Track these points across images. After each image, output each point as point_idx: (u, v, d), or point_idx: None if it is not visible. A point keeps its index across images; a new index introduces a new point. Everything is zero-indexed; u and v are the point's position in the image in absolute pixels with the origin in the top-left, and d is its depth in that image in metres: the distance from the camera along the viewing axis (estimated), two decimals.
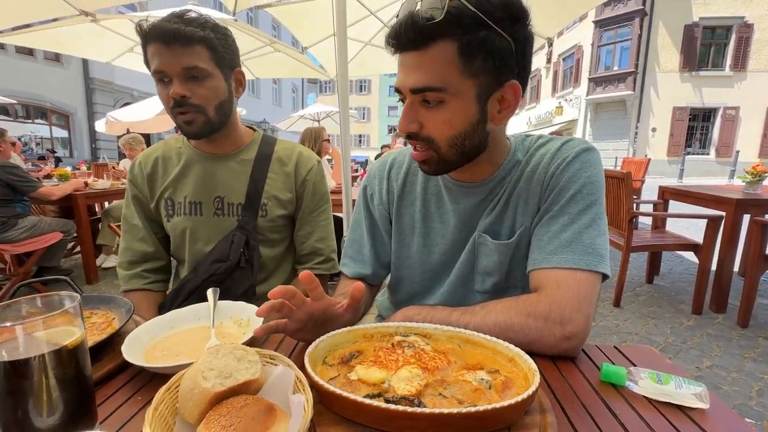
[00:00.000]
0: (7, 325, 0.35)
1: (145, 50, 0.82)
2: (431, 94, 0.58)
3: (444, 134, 0.61)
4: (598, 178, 0.66)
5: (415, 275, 0.83)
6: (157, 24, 0.78)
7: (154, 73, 0.81)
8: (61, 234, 2.94)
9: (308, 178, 1.02)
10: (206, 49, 0.82)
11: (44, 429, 0.37)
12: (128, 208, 0.98)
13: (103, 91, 12.52)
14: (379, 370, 0.46)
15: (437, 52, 0.56)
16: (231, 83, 0.90)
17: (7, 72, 10.21)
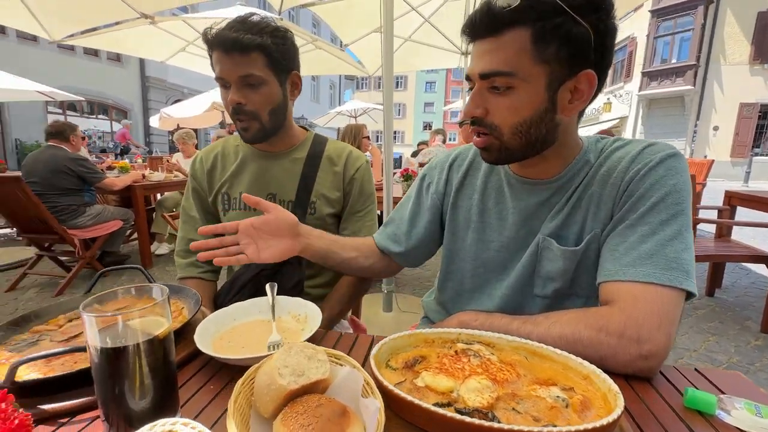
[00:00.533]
0: (109, 315, 0.38)
1: (210, 56, 0.86)
2: (500, 80, 0.59)
3: (508, 121, 0.61)
4: (685, 186, 0.61)
5: (467, 269, 0.81)
6: (219, 33, 0.82)
7: (217, 79, 0.86)
8: (122, 222, 3.18)
9: (356, 177, 1.03)
10: (262, 55, 0.84)
11: (137, 411, 0.39)
12: (187, 200, 1.04)
13: (156, 89, 13.39)
14: (446, 378, 0.45)
15: (510, 38, 0.57)
16: (286, 87, 0.93)
17: (76, 72, 11.18)
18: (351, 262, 0.85)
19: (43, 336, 0.58)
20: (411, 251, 0.87)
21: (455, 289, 0.85)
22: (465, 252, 0.81)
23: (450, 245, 0.84)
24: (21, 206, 2.62)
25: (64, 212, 2.80)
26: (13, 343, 0.56)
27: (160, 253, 3.79)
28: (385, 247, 0.88)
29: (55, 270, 3.07)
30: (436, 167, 0.87)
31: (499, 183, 0.77)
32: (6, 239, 4.30)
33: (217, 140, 1.06)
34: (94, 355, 0.38)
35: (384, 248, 0.88)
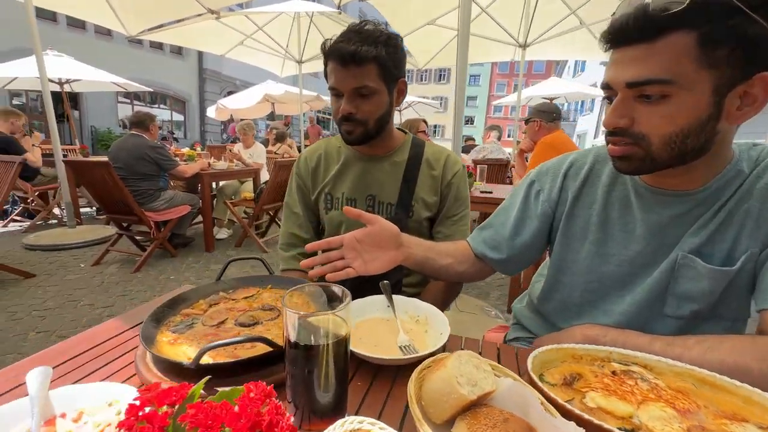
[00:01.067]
0: (301, 314, 0.39)
1: (325, 65, 0.91)
2: (653, 88, 0.54)
3: (662, 131, 0.56)
4: None
5: (578, 283, 0.77)
6: (337, 45, 0.85)
7: (330, 88, 0.91)
8: (190, 206, 3.40)
9: (453, 182, 1.03)
10: (376, 66, 0.87)
11: (323, 403, 0.41)
12: (291, 197, 1.09)
13: (212, 81, 14.13)
14: (619, 401, 0.43)
15: (669, 43, 0.52)
16: (393, 95, 0.95)
17: (142, 64, 12.06)
18: (447, 268, 0.84)
19: (194, 319, 0.62)
20: (512, 258, 0.84)
21: (562, 301, 0.81)
22: (578, 264, 0.76)
23: (561, 256, 0.79)
24: (107, 189, 2.88)
25: (142, 196, 3.04)
26: (173, 325, 0.60)
27: (220, 237, 4.01)
28: (482, 253, 0.85)
29: (131, 248, 3.35)
30: (548, 173, 0.82)
31: (625, 193, 0.71)
32: (87, 217, 4.75)
33: (320, 140, 1.11)
34: (291, 347, 0.39)
35: (481, 254, 0.85)
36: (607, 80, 0.59)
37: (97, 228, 3.98)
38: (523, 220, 0.83)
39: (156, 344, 0.55)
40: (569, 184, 0.78)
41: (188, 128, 14.23)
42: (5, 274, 2.72)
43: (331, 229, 1.04)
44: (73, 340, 0.61)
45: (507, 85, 38.95)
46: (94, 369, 0.54)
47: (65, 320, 2.18)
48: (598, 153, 0.77)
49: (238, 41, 6.45)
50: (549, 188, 0.80)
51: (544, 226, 0.81)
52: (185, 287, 0.75)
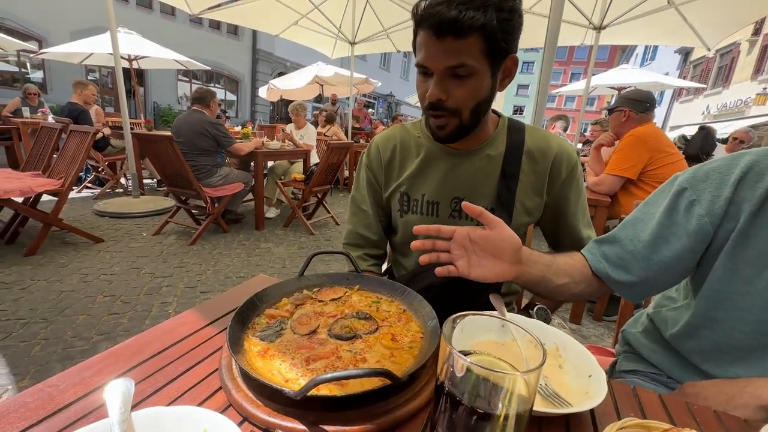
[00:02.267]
0: (494, 371, 0.27)
1: (415, 34, 0.71)
2: None
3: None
4: None
5: (747, 321, 0.59)
6: (434, 8, 0.64)
7: (418, 65, 0.71)
8: (243, 184, 3.45)
9: (572, 182, 0.85)
10: (481, 39, 0.66)
11: None
12: (359, 191, 0.96)
13: (264, 61, 14.43)
14: None
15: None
16: (497, 76, 0.74)
17: (202, 43, 12.53)
18: (562, 288, 0.69)
19: (282, 323, 0.53)
20: (646, 282, 0.67)
21: (715, 342, 0.63)
22: (752, 299, 0.58)
23: (721, 285, 0.61)
24: (170, 162, 2.97)
25: (201, 171, 3.12)
26: (260, 329, 0.52)
27: (269, 216, 4.07)
28: (604, 273, 0.68)
29: (187, 221, 3.48)
30: (708, 179, 0.62)
31: None
32: (148, 189, 5.04)
33: (394, 126, 0.94)
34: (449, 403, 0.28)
35: (603, 273, 0.69)
36: None
37: (158, 199, 4.18)
38: (666, 238, 0.65)
39: (245, 354, 0.46)
40: (745, 195, 0.59)
41: (240, 108, 14.71)
42: (79, 238, 2.91)
43: (404, 234, 0.90)
44: (149, 335, 0.54)
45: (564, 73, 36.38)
46: (174, 376, 0.46)
47: (129, 287, 2.28)
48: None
49: (293, 21, 6.44)
50: (710, 199, 0.61)
51: (698, 246, 0.63)
52: (260, 278, 0.67)
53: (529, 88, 37.26)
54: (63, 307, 1.98)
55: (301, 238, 3.58)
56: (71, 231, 2.85)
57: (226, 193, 3.29)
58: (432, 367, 0.48)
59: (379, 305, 0.61)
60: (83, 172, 4.84)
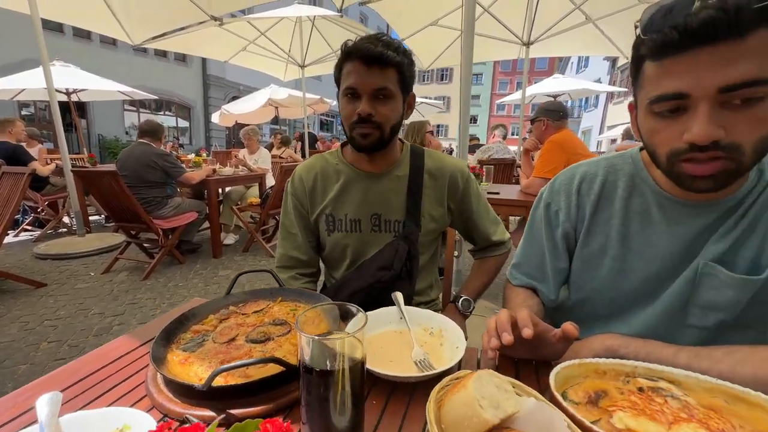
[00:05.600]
0: (316, 337, 0.38)
1: (341, 67, 0.87)
2: (752, 90, 0.47)
3: (753, 137, 0.50)
4: None
5: (601, 299, 0.75)
6: (362, 45, 0.83)
7: (346, 89, 0.86)
8: (197, 213, 3.42)
9: (469, 191, 1.01)
10: (396, 72, 0.86)
11: (339, 428, 0.40)
12: (287, 217, 1.03)
13: (216, 86, 14.25)
14: (649, 421, 0.41)
15: (759, 39, 0.46)
16: (404, 106, 0.93)
17: (147, 72, 12.20)
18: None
19: (204, 336, 0.61)
20: (562, 284, 0.82)
21: (587, 315, 0.78)
22: (599, 281, 0.74)
23: (580, 273, 0.77)
24: (115, 197, 2.90)
25: (150, 203, 3.06)
26: (183, 343, 0.59)
27: (227, 243, 4.03)
28: (533, 286, 0.82)
29: (140, 256, 3.37)
30: (560, 191, 0.78)
31: (645, 205, 0.68)
32: (96, 225, 4.80)
33: (313, 157, 1.05)
34: (306, 370, 0.38)
35: (533, 287, 0.82)
36: (683, 89, 0.50)
37: (106, 236, 4.01)
38: (556, 244, 0.79)
39: (166, 364, 0.54)
40: (584, 201, 0.75)
41: (193, 134, 14.35)
42: (17, 284, 2.75)
43: (334, 249, 1.00)
44: (83, 360, 0.60)
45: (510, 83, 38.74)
46: (103, 391, 0.53)
47: (76, 329, 2.19)
48: (609, 164, 0.74)
49: (241, 47, 6.49)
50: (565, 207, 0.77)
51: (572, 244, 0.79)
52: (195, 301, 0.74)
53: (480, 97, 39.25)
54: (1, 359, 1.88)
55: (261, 261, 3.57)
56: (8, 278, 2.69)
57: (180, 224, 3.25)
58: None
59: (296, 312, 0.70)
60: (20, 214, 4.54)
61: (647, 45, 0.53)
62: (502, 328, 0.54)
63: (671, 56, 0.51)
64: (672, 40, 0.49)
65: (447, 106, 37.48)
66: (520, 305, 0.79)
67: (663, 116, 0.54)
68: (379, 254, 0.93)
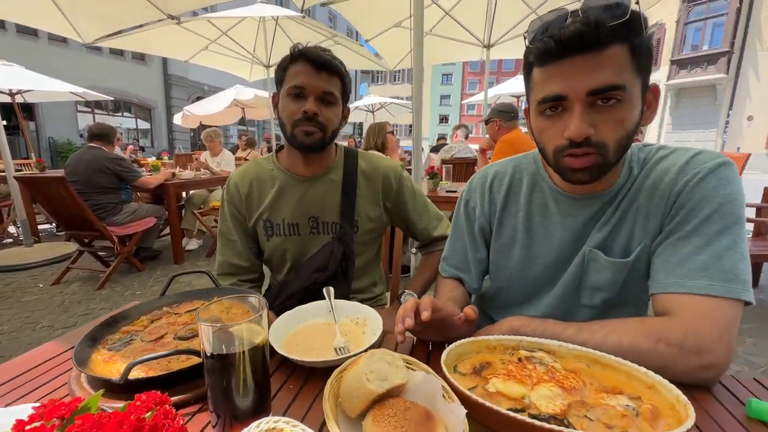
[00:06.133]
0: (219, 326, 0.42)
1: (287, 67, 0.92)
2: (612, 94, 0.57)
3: (616, 136, 0.59)
4: (738, 196, 0.61)
5: (514, 286, 0.83)
6: (311, 50, 0.90)
7: (293, 87, 0.90)
8: (156, 218, 3.32)
9: (403, 190, 1.07)
10: (340, 82, 0.94)
11: (241, 409, 0.44)
12: (225, 224, 1.03)
13: (179, 86, 13.73)
14: (516, 384, 0.48)
15: (614, 53, 0.56)
16: (342, 114, 0.99)
17: (102, 71, 11.58)
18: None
19: (133, 336, 0.64)
20: (484, 274, 0.89)
21: (505, 301, 0.87)
22: (511, 270, 0.82)
23: (496, 262, 0.85)
24: (64, 204, 2.77)
25: (104, 210, 2.95)
26: (110, 343, 0.62)
27: (190, 248, 3.93)
28: (459, 277, 0.89)
29: (94, 264, 3.23)
30: (476, 189, 0.87)
31: (543, 200, 0.77)
32: (47, 234, 4.54)
33: (247, 163, 1.07)
34: (208, 358, 0.42)
35: (459, 278, 0.89)
36: (561, 92, 0.59)
37: (57, 245, 3.81)
38: (474, 239, 0.87)
39: (89, 363, 0.56)
40: (495, 197, 0.84)
41: (155, 136, 13.76)
42: None
43: (273, 253, 1.02)
44: (11, 364, 0.61)
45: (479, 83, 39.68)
46: (27, 391, 0.55)
47: (23, 344, 2.09)
48: (516, 163, 0.83)
49: (203, 46, 6.29)
50: (480, 203, 0.85)
51: (489, 237, 0.87)
52: (132, 304, 0.76)
53: (450, 97, 39.99)
54: None
55: None
56: None
57: (137, 230, 3.14)
58: None
59: (230, 310, 0.74)
60: None
61: (533, 53, 0.62)
62: (406, 314, 0.60)
63: (551, 63, 0.60)
64: (550, 48, 0.59)
65: None
66: (446, 295, 0.86)
67: (548, 116, 0.63)
68: (315, 256, 0.98)
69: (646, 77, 0.60)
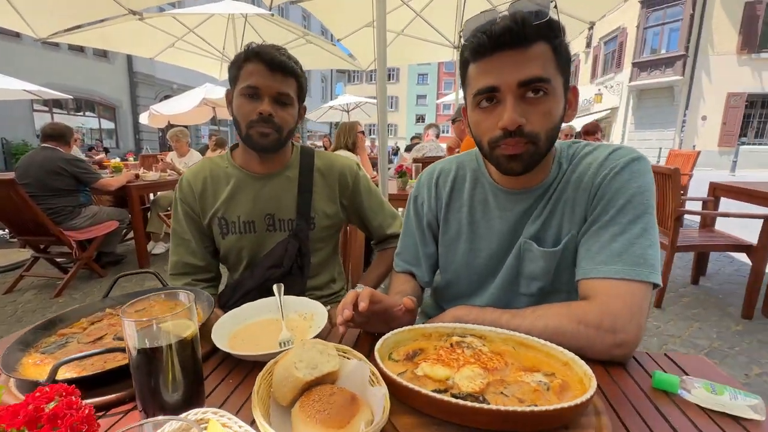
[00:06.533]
0: (145, 320, 0.43)
1: (241, 66, 0.91)
2: (539, 86, 0.62)
3: (545, 126, 0.64)
4: (647, 187, 0.67)
5: (462, 278, 0.87)
6: (266, 50, 0.89)
7: (247, 87, 0.89)
8: (118, 222, 3.19)
9: (359, 188, 1.08)
10: (296, 83, 0.94)
11: (170, 402, 0.45)
12: (178, 223, 1.01)
13: (145, 85, 13.19)
14: (442, 367, 0.51)
15: (539, 50, 0.62)
16: (298, 115, 1.00)
17: (61, 68, 10.97)
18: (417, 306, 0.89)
19: (70, 338, 0.62)
20: (434, 268, 0.92)
21: (454, 294, 0.90)
22: (458, 263, 0.86)
23: (444, 256, 0.89)
24: (15, 208, 2.62)
25: (60, 214, 2.81)
26: (44, 346, 0.60)
27: (156, 252, 3.80)
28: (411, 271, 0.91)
29: (51, 271, 3.08)
30: (424, 186, 0.90)
31: (484, 195, 0.81)
32: None
33: (202, 160, 1.06)
34: (133, 354, 0.43)
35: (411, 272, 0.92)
36: (494, 83, 0.63)
37: (10, 252, 3.60)
38: (424, 234, 0.90)
39: (19, 367, 0.55)
40: (441, 193, 0.87)
41: (121, 137, 13.17)
42: None
43: (229, 252, 1.01)
44: None
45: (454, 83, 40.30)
46: None
47: None
48: (460, 159, 0.87)
49: (168, 43, 6.07)
50: (427, 198, 0.89)
51: (437, 232, 0.90)
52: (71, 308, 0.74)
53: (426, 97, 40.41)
54: None
55: None
56: None
57: (97, 234, 3.01)
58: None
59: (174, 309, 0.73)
60: None
61: (468, 49, 0.67)
62: (345, 306, 0.62)
63: (484, 58, 0.64)
64: (483, 43, 0.63)
65: (396, 106, 38.18)
66: (397, 288, 0.89)
67: (483, 108, 0.67)
68: (270, 253, 0.98)
69: (566, 76, 0.65)
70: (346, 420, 0.41)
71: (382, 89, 2.01)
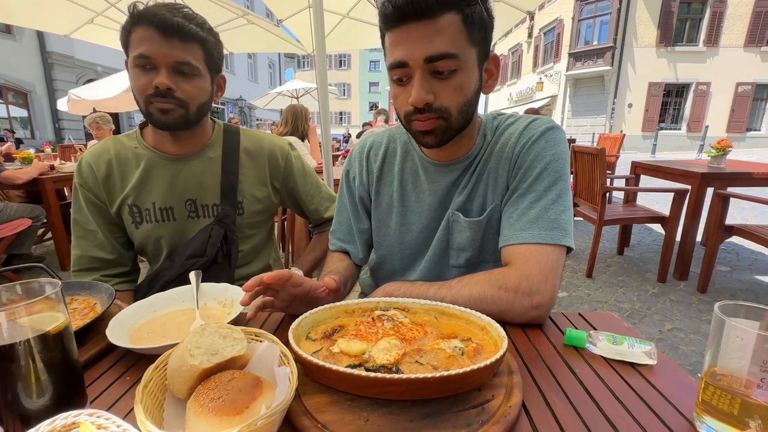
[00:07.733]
0: None
1: (129, 31, 0.77)
2: (446, 62, 0.60)
3: (456, 101, 0.63)
4: (562, 155, 0.69)
5: (395, 253, 0.86)
6: (155, 11, 0.75)
7: (139, 57, 0.77)
8: (30, 220, 2.82)
9: (292, 170, 1.02)
10: (201, 49, 0.82)
11: (35, 410, 0.38)
12: (80, 213, 0.89)
13: (63, 66, 11.68)
14: (359, 342, 0.49)
15: (447, 22, 0.59)
16: (214, 87, 0.89)
17: None
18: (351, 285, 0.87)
19: None
20: (369, 244, 0.90)
21: (389, 270, 0.89)
22: (390, 238, 0.85)
23: (377, 231, 0.87)
24: None
25: None
26: None
27: None
28: (344, 249, 0.89)
29: None
30: (355, 159, 0.87)
31: (414, 168, 0.80)
32: None
33: (105, 140, 0.92)
34: None
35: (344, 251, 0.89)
36: (402, 58, 0.61)
37: None
38: (357, 209, 0.87)
39: None
40: (372, 166, 0.85)
41: (36, 126, 11.62)
42: None
43: (146, 243, 0.91)
44: None
45: None
46: None
47: None
48: (391, 132, 0.85)
49: (87, 19, 5.38)
50: (359, 173, 0.86)
51: (370, 207, 0.87)
52: None
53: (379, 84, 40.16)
54: None
55: None
56: None
57: (4, 235, 2.64)
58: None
59: (71, 305, 0.65)
60: None
61: (380, 17, 0.64)
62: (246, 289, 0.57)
63: (394, 28, 0.62)
64: (389, 12, 0.60)
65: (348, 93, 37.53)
66: (331, 267, 0.86)
67: (398, 83, 0.65)
68: (190, 242, 0.90)
69: (482, 47, 0.64)
70: (245, 405, 0.37)
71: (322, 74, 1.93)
